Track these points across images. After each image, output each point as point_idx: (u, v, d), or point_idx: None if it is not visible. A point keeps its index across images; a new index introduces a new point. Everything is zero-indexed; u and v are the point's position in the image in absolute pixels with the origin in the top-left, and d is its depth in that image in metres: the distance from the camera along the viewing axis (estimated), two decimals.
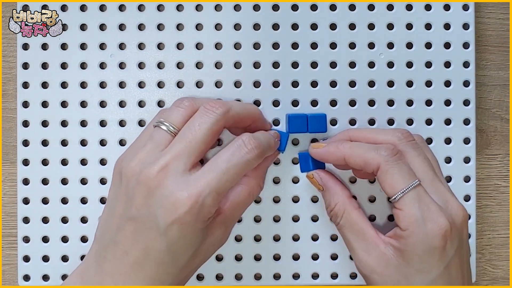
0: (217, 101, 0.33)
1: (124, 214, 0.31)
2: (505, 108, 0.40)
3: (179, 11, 0.38)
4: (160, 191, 0.30)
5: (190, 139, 0.32)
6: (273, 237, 0.38)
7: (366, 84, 0.38)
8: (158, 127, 0.33)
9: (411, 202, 0.31)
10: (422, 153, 0.34)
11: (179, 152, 0.31)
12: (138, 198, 0.31)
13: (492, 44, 0.40)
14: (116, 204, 0.32)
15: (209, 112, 0.32)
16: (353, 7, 0.38)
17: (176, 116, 0.33)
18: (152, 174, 0.31)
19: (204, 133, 0.32)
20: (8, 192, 0.39)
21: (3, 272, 0.39)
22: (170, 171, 0.31)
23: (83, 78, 0.38)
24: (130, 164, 0.32)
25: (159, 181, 0.30)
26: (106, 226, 0.33)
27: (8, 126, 0.39)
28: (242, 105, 0.35)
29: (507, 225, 0.40)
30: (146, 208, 0.31)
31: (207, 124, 0.32)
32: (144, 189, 0.31)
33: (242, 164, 0.32)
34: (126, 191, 0.32)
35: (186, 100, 0.34)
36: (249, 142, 0.32)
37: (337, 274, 0.38)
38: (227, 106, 0.33)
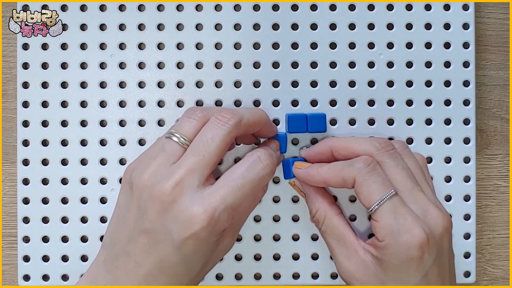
0: (228, 110, 0.33)
1: (137, 226, 0.31)
2: (505, 108, 0.40)
3: (179, 11, 0.38)
4: (175, 207, 0.30)
5: (203, 152, 0.31)
6: (273, 237, 0.38)
7: (366, 84, 0.38)
8: (170, 139, 0.33)
9: (387, 214, 0.31)
10: (401, 162, 0.33)
11: (193, 166, 0.31)
12: (151, 212, 0.31)
13: (492, 44, 0.40)
14: (127, 214, 0.32)
15: (221, 123, 0.32)
16: (353, 7, 0.38)
17: (188, 128, 0.33)
18: (166, 190, 0.30)
19: (217, 146, 0.32)
20: (8, 192, 0.39)
21: (3, 272, 0.39)
22: (185, 186, 0.31)
23: (83, 78, 0.38)
24: (142, 176, 0.32)
25: (174, 197, 0.30)
26: (116, 235, 0.32)
27: (8, 126, 0.39)
28: (252, 113, 0.34)
29: (507, 225, 0.40)
30: (160, 222, 0.30)
31: (219, 136, 0.32)
32: (158, 203, 0.30)
33: (258, 180, 0.32)
34: (138, 203, 0.31)
35: (198, 111, 0.33)
36: (265, 158, 0.32)
37: (336, 274, 0.38)
38: (239, 116, 0.33)
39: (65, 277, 0.38)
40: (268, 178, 0.33)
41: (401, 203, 0.32)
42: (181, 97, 0.38)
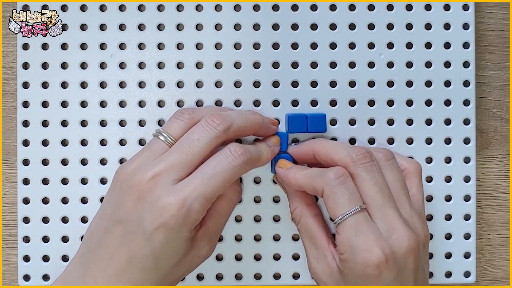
0: (220, 115, 0.33)
1: (113, 217, 0.32)
2: (505, 108, 0.40)
3: (179, 11, 0.38)
4: (149, 196, 0.31)
5: (186, 151, 0.32)
6: (273, 236, 0.38)
7: (366, 84, 0.38)
8: (156, 137, 0.33)
9: (348, 229, 0.31)
10: (375, 176, 0.32)
11: (173, 163, 0.32)
12: (127, 201, 0.31)
13: (492, 44, 0.40)
14: (107, 207, 0.33)
15: (209, 127, 0.32)
16: (353, 7, 0.38)
17: (175, 128, 0.33)
18: (144, 180, 0.31)
19: (201, 147, 0.32)
20: (8, 192, 0.39)
21: (3, 272, 0.39)
22: (162, 179, 0.31)
23: (83, 78, 0.38)
24: (125, 170, 0.33)
25: (150, 187, 0.31)
26: (94, 228, 0.33)
27: (8, 126, 0.39)
28: (244, 119, 0.34)
29: (507, 225, 0.40)
30: (135, 211, 0.31)
31: (206, 139, 0.32)
32: (135, 193, 0.31)
33: (229, 171, 0.32)
34: (118, 195, 0.32)
35: (186, 113, 0.34)
36: (235, 150, 0.32)
37: None
38: (228, 122, 0.33)
39: None
40: (241, 169, 0.32)
41: (365, 220, 0.31)
42: (181, 97, 0.38)
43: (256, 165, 0.34)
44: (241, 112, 0.35)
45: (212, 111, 0.35)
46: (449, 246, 0.38)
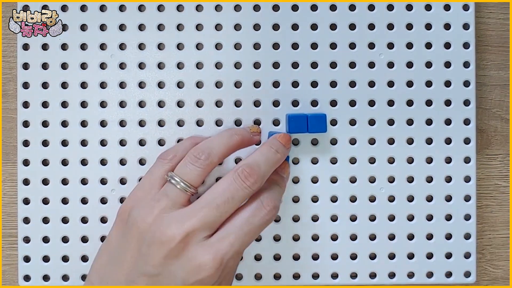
0: (252, 169, 0.32)
1: (137, 268, 0.31)
2: (505, 108, 0.40)
3: (179, 11, 0.38)
4: (183, 254, 0.30)
5: (221, 210, 0.31)
6: (273, 237, 0.38)
7: (366, 84, 0.38)
8: (172, 183, 0.33)
9: None
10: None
11: (207, 220, 0.31)
12: (156, 257, 0.30)
13: (492, 44, 0.40)
14: (123, 255, 0.32)
15: (244, 186, 0.32)
16: (353, 7, 0.38)
17: (194, 176, 0.33)
18: (176, 238, 0.30)
19: (235, 205, 0.32)
20: (9, 193, 0.39)
21: (3, 272, 0.39)
22: (195, 237, 0.31)
23: (84, 78, 0.38)
24: (145, 219, 0.31)
25: (183, 246, 0.30)
26: (108, 274, 0.32)
27: (8, 127, 0.39)
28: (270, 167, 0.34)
29: (507, 225, 0.40)
30: (166, 267, 0.30)
31: (240, 198, 0.32)
32: (165, 249, 0.30)
33: (263, 225, 0.32)
34: (139, 246, 0.31)
35: (203, 157, 0.33)
36: (268, 203, 0.32)
37: (337, 274, 0.38)
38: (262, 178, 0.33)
39: (66, 278, 0.38)
40: (272, 220, 0.33)
41: None
42: (182, 98, 0.38)
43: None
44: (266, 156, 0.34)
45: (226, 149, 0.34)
46: (449, 246, 0.38)
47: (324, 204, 0.38)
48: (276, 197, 0.34)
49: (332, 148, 0.38)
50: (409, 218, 0.39)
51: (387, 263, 0.38)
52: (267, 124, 0.38)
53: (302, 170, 0.38)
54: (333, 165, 0.38)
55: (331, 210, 0.38)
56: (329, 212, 0.38)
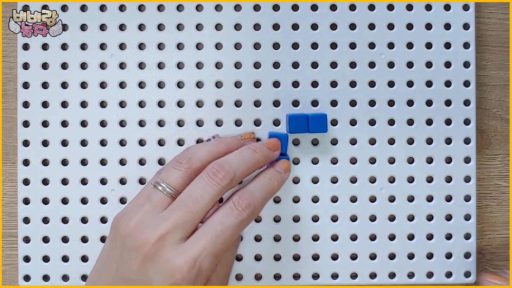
0: (221, 166, 0.32)
1: (119, 274, 0.31)
2: (505, 108, 0.40)
3: (180, 11, 0.38)
4: (157, 258, 0.30)
5: (191, 209, 0.31)
6: (274, 237, 0.38)
7: (367, 84, 0.38)
8: (156, 188, 0.33)
9: None
10: None
11: (178, 222, 0.31)
12: (133, 261, 0.31)
13: (492, 44, 0.40)
14: (109, 261, 0.32)
15: (212, 182, 0.32)
16: (353, 7, 0.38)
17: (174, 178, 0.33)
18: (150, 242, 0.30)
19: (205, 204, 0.32)
20: (9, 192, 0.39)
21: (3, 272, 0.39)
22: (169, 239, 0.31)
23: (84, 78, 0.38)
24: (127, 224, 0.32)
25: (157, 249, 0.30)
26: (97, 281, 0.32)
27: (8, 126, 0.39)
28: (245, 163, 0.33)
29: (507, 225, 0.40)
30: (142, 272, 0.31)
31: (209, 196, 0.32)
32: (141, 253, 0.31)
33: (237, 226, 0.32)
34: (121, 251, 0.31)
35: (184, 161, 0.33)
36: (239, 203, 0.32)
37: (337, 274, 0.38)
38: (231, 174, 0.32)
39: (66, 278, 0.38)
40: (249, 221, 0.32)
41: None
42: (182, 98, 0.38)
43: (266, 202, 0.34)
44: (241, 155, 0.34)
45: (210, 155, 0.34)
46: (449, 246, 0.38)
47: (325, 204, 0.38)
48: (255, 195, 0.33)
49: (332, 148, 0.38)
50: (409, 218, 0.39)
51: (387, 263, 0.38)
52: (267, 124, 0.38)
53: (303, 170, 0.38)
54: (333, 165, 0.38)
55: (331, 210, 0.38)
56: (329, 212, 0.38)
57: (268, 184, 0.34)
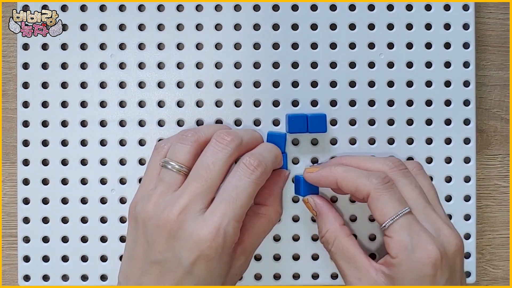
0: (228, 133, 0.33)
1: (147, 258, 0.31)
2: (505, 108, 0.40)
3: (179, 11, 0.38)
4: (181, 233, 0.30)
5: (205, 177, 0.31)
6: (273, 237, 0.38)
7: (366, 84, 0.38)
8: (165, 167, 0.33)
9: (401, 230, 0.31)
10: (413, 181, 0.33)
11: (196, 192, 0.31)
12: (159, 242, 0.31)
13: (492, 44, 0.40)
14: (136, 249, 0.32)
15: (221, 147, 0.32)
16: (353, 7, 0.38)
17: (183, 154, 0.33)
18: (171, 218, 0.31)
19: (219, 170, 0.32)
20: (8, 192, 0.39)
21: (3, 272, 0.39)
22: (189, 212, 0.31)
23: (83, 78, 0.38)
24: (145, 208, 0.32)
25: (180, 224, 0.31)
26: (129, 270, 0.33)
27: (8, 126, 0.39)
28: (249, 134, 0.35)
29: (507, 225, 0.40)
30: (170, 250, 0.31)
31: (221, 161, 0.32)
32: (165, 232, 0.31)
33: (251, 186, 0.32)
34: (145, 236, 0.32)
35: (190, 134, 0.33)
36: (250, 163, 0.32)
37: (337, 274, 0.38)
38: (239, 137, 0.33)
39: (65, 278, 0.38)
40: (263, 179, 0.33)
41: (415, 221, 0.31)
42: (181, 98, 0.38)
43: (276, 167, 0.34)
44: (245, 130, 0.35)
45: (216, 129, 0.34)
46: None
47: None
48: (264, 155, 0.33)
49: (332, 148, 0.38)
50: None
51: None
52: (266, 124, 0.38)
53: (302, 170, 0.38)
54: None
55: None
56: None
57: (273, 148, 0.35)
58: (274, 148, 0.35)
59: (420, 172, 0.35)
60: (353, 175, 0.33)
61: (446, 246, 0.31)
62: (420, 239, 0.31)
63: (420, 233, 0.31)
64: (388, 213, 0.31)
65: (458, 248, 0.31)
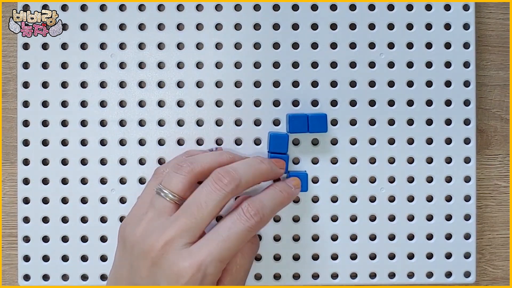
0: (227, 172, 0.32)
1: (129, 281, 0.32)
2: (505, 108, 0.40)
3: (180, 11, 0.38)
4: (163, 262, 0.31)
5: (195, 216, 0.31)
6: (273, 237, 0.38)
7: (367, 84, 0.38)
8: (159, 195, 0.33)
9: None
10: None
11: (183, 228, 0.31)
12: (142, 267, 0.31)
13: (492, 44, 0.40)
14: (121, 270, 0.32)
15: (217, 188, 0.32)
16: (353, 7, 0.38)
17: (176, 184, 0.33)
18: (156, 247, 0.31)
19: (210, 211, 0.32)
20: (8, 192, 0.39)
21: (3, 272, 0.39)
22: (174, 244, 0.31)
23: (84, 78, 0.38)
24: (134, 232, 0.32)
25: (163, 254, 0.31)
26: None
27: (8, 126, 0.39)
28: (252, 171, 0.33)
29: (507, 225, 0.40)
30: (150, 277, 0.31)
31: (214, 202, 0.32)
32: (148, 259, 0.31)
33: (243, 232, 0.31)
34: (131, 259, 0.32)
35: (185, 166, 0.33)
36: (247, 210, 0.32)
37: (337, 274, 0.38)
38: (236, 180, 0.32)
39: (65, 277, 0.38)
40: (256, 228, 0.32)
41: None
42: (182, 97, 0.38)
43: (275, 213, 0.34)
44: (248, 163, 0.34)
45: (212, 161, 0.34)
46: (449, 246, 0.38)
47: (324, 204, 0.38)
48: (265, 204, 0.33)
49: (332, 148, 0.38)
50: (409, 218, 0.39)
51: (387, 263, 0.38)
52: (267, 124, 0.38)
53: (302, 170, 0.38)
54: (333, 165, 0.38)
55: (331, 210, 0.38)
56: (329, 212, 0.38)
57: (278, 195, 0.34)
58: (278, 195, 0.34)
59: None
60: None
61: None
62: None
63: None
64: None
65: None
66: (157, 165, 0.38)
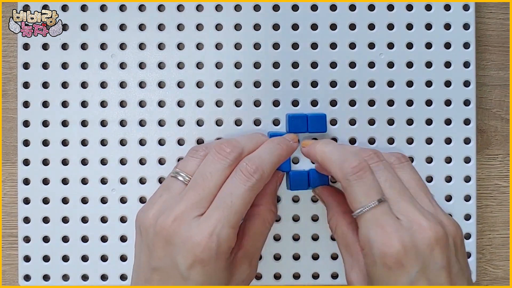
0: (229, 142, 0.33)
1: (149, 266, 0.32)
2: (505, 108, 0.40)
3: (180, 11, 0.38)
4: (176, 239, 0.31)
5: (202, 186, 0.32)
6: (273, 237, 0.38)
7: (366, 84, 0.38)
8: (175, 178, 0.33)
9: (366, 223, 0.31)
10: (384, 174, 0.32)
11: (191, 201, 0.31)
12: (157, 248, 0.31)
13: (492, 44, 0.40)
14: (140, 256, 0.33)
15: (220, 157, 0.32)
16: (353, 7, 0.38)
17: (192, 166, 0.33)
18: (167, 224, 0.31)
19: (216, 180, 0.32)
20: (9, 192, 0.39)
21: (3, 272, 0.39)
22: (184, 219, 0.31)
23: (84, 78, 0.38)
24: (147, 215, 0.32)
25: (174, 230, 0.31)
26: (136, 277, 0.33)
27: (8, 126, 0.39)
28: (254, 142, 0.34)
29: (507, 225, 0.40)
30: (167, 257, 0.31)
31: (218, 171, 0.32)
32: (162, 239, 0.31)
33: (247, 193, 0.32)
34: (147, 242, 0.32)
35: (201, 150, 0.34)
36: (246, 169, 0.32)
37: (337, 274, 0.38)
38: (239, 148, 0.33)
39: (66, 277, 0.38)
40: (259, 186, 0.32)
41: (384, 213, 0.31)
42: (182, 97, 0.38)
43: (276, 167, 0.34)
44: (250, 137, 0.35)
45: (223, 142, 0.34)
46: None
47: None
48: (263, 158, 0.33)
49: None
50: None
51: None
52: (267, 124, 0.38)
53: (302, 169, 0.38)
54: None
55: None
56: None
57: (276, 148, 0.34)
58: (276, 147, 0.34)
59: (400, 166, 0.34)
60: (330, 159, 0.33)
61: (416, 239, 0.30)
62: (382, 233, 0.30)
63: (385, 226, 0.30)
64: (355, 205, 0.31)
65: (433, 241, 0.30)
66: (157, 165, 0.38)
